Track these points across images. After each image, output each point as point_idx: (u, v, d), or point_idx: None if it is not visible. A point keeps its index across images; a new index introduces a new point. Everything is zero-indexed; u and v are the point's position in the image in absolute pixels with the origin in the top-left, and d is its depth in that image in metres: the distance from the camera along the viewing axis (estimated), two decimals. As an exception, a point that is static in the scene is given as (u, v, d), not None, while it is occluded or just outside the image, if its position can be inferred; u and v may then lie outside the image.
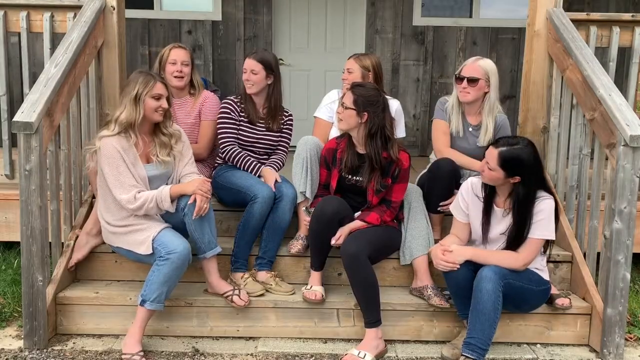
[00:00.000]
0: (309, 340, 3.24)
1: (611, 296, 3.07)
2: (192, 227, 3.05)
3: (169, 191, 3.02)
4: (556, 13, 3.75)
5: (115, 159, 3.01)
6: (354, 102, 3.13)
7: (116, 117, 3.06)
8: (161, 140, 3.17)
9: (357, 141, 3.24)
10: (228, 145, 3.57)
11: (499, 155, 2.88)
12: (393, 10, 6.39)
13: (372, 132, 3.14)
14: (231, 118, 3.60)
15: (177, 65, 3.70)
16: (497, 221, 3.05)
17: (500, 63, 6.40)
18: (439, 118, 3.62)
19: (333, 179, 3.32)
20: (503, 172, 2.90)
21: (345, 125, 3.18)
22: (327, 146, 3.37)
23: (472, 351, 2.84)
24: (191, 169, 3.27)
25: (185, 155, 3.27)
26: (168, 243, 2.95)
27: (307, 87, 6.54)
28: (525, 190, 2.92)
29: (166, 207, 3.03)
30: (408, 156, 3.28)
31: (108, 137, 3.04)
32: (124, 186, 3.01)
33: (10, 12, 3.79)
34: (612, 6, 6.26)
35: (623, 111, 3.07)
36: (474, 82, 3.47)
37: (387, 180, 3.22)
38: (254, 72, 3.55)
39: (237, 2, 6.37)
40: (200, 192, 3.00)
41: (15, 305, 3.42)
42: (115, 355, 3.02)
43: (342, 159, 3.26)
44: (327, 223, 3.14)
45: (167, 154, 3.18)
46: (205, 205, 3.02)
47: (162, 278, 2.92)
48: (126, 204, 3.01)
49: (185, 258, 2.96)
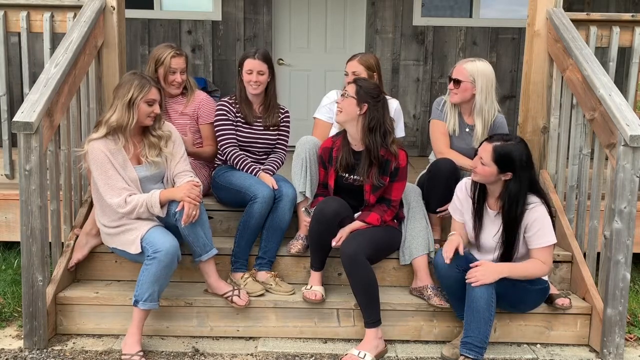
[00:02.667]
0: (309, 340, 3.24)
1: (611, 296, 3.07)
2: (185, 232, 3.04)
3: (158, 196, 3.00)
4: (556, 13, 3.75)
5: (103, 163, 2.99)
6: (356, 92, 3.14)
7: (106, 119, 3.03)
8: (150, 141, 3.14)
9: (353, 137, 3.22)
10: (228, 146, 3.56)
11: (493, 150, 2.89)
12: (393, 10, 6.39)
13: (371, 126, 3.13)
14: (228, 119, 3.58)
15: (177, 74, 3.63)
16: (490, 222, 3.05)
17: (500, 63, 6.41)
18: (437, 118, 3.62)
19: (330, 178, 3.32)
20: (496, 168, 2.90)
21: (344, 116, 3.16)
22: (323, 145, 3.37)
23: (470, 350, 2.84)
24: (184, 167, 3.22)
25: (177, 154, 3.22)
26: (154, 242, 2.93)
27: (307, 87, 6.55)
28: (517, 187, 2.91)
29: (156, 212, 3.01)
30: (406, 154, 3.27)
31: (95, 140, 3.02)
32: (114, 190, 2.99)
33: (10, 12, 3.78)
34: (612, 6, 6.26)
35: (623, 111, 3.07)
36: (457, 83, 3.47)
37: (385, 178, 3.22)
38: (261, 72, 3.52)
39: (237, 2, 6.37)
40: (188, 199, 2.96)
41: (15, 305, 3.42)
42: (115, 355, 3.02)
43: (337, 157, 3.26)
44: (327, 224, 3.14)
45: (157, 155, 3.15)
46: (194, 212, 2.98)
47: (151, 277, 2.91)
48: (117, 208, 3.00)
49: (172, 255, 2.93)
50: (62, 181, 3.38)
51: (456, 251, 2.99)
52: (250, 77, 3.52)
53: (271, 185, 3.40)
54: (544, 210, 2.96)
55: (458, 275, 2.99)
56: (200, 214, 3.04)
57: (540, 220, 2.94)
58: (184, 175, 3.18)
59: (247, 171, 3.50)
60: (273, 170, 3.59)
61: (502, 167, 2.90)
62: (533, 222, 2.94)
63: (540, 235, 2.94)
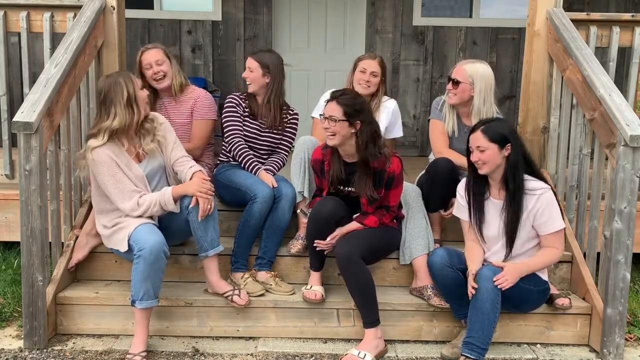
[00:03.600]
0: (309, 340, 3.24)
1: (611, 296, 3.07)
2: (196, 226, 3.05)
3: (171, 193, 3.02)
4: (556, 13, 3.75)
5: (111, 167, 3.00)
6: (345, 114, 3.01)
7: (107, 126, 3.01)
8: (145, 129, 3.14)
9: (347, 152, 3.14)
10: (234, 137, 3.57)
11: (484, 132, 2.94)
12: (393, 10, 6.39)
13: (367, 140, 3.04)
14: (236, 112, 3.60)
15: (152, 68, 3.63)
16: (495, 212, 3.05)
17: (500, 63, 6.41)
18: (436, 118, 3.61)
19: (324, 189, 3.29)
20: (496, 146, 2.93)
21: (339, 139, 3.03)
22: (314, 157, 3.29)
23: (471, 351, 2.84)
24: (180, 153, 3.22)
25: (169, 138, 3.21)
26: (139, 240, 2.92)
27: (307, 87, 6.54)
28: (515, 157, 2.95)
29: (171, 209, 3.04)
30: (399, 161, 3.16)
31: (99, 147, 3.00)
32: (124, 194, 3.00)
33: (10, 12, 3.78)
34: (612, 6, 6.26)
35: (623, 111, 3.07)
36: (456, 84, 3.46)
37: (380, 190, 3.13)
38: (250, 69, 3.58)
39: (237, 2, 6.37)
40: (200, 193, 2.99)
41: (15, 305, 3.42)
42: (116, 355, 3.02)
43: (329, 172, 3.19)
44: (324, 224, 3.14)
45: (151, 140, 3.14)
46: (208, 206, 3.01)
47: (141, 275, 2.91)
48: (131, 212, 3.00)
49: (157, 252, 2.90)
50: (62, 181, 3.38)
51: (451, 250, 3.04)
52: (244, 73, 3.61)
53: (270, 184, 3.40)
54: (551, 196, 2.98)
55: (453, 274, 3.01)
56: (213, 209, 3.06)
57: (550, 207, 2.96)
58: (183, 162, 3.18)
59: (248, 167, 3.51)
60: (273, 170, 3.60)
61: (500, 142, 2.93)
62: (543, 210, 2.95)
63: (551, 221, 2.96)
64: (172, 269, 3.39)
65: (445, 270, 3.02)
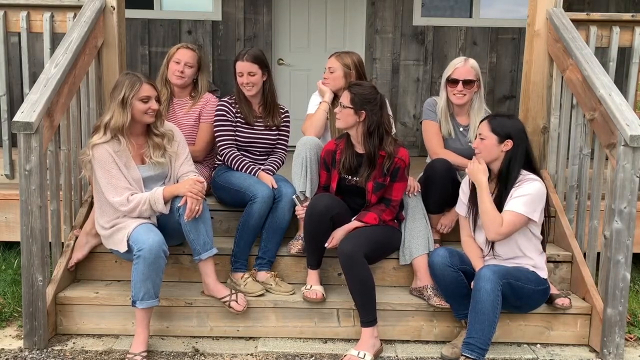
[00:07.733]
0: (309, 340, 3.24)
1: (611, 296, 3.07)
2: (187, 228, 3.04)
3: (161, 192, 3.01)
4: (556, 13, 3.75)
5: (107, 163, 3.00)
6: (351, 101, 3.14)
7: (105, 122, 3.03)
8: (154, 142, 3.14)
9: (355, 140, 3.24)
10: (226, 148, 3.56)
11: (489, 122, 3.02)
12: (393, 10, 6.40)
13: (370, 131, 3.14)
14: (227, 120, 3.57)
15: (180, 65, 3.68)
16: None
17: (500, 63, 6.42)
18: (429, 119, 3.63)
19: (333, 180, 3.31)
20: (496, 138, 2.97)
21: (343, 123, 3.18)
22: (326, 148, 3.36)
23: (471, 351, 2.84)
24: (188, 167, 3.24)
25: (181, 154, 3.24)
26: (137, 240, 2.92)
27: (307, 87, 6.53)
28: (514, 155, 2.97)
29: (160, 209, 3.02)
30: (407, 153, 3.27)
31: (100, 144, 3.02)
32: (116, 189, 3.00)
33: (10, 12, 3.79)
34: (612, 6, 6.27)
35: (623, 111, 3.07)
36: (469, 84, 3.48)
37: (386, 179, 3.22)
38: (251, 73, 3.51)
39: (237, 2, 6.37)
40: (190, 194, 2.98)
41: (15, 305, 3.42)
42: (116, 355, 3.02)
43: (340, 160, 3.26)
44: (319, 219, 3.14)
45: (161, 155, 3.15)
46: (196, 207, 2.99)
47: (141, 276, 2.90)
48: (119, 207, 3.00)
49: (156, 251, 2.89)
50: (62, 181, 3.38)
51: (452, 250, 3.05)
52: (242, 80, 3.52)
53: (270, 184, 3.40)
54: (539, 187, 2.97)
55: (454, 274, 3.02)
56: (203, 211, 3.05)
57: (529, 193, 2.94)
58: (188, 176, 3.18)
59: (246, 172, 3.50)
60: (273, 170, 3.60)
61: (501, 136, 2.96)
62: (521, 191, 2.95)
63: (518, 201, 2.94)
64: (172, 269, 3.39)
65: (446, 270, 3.02)
